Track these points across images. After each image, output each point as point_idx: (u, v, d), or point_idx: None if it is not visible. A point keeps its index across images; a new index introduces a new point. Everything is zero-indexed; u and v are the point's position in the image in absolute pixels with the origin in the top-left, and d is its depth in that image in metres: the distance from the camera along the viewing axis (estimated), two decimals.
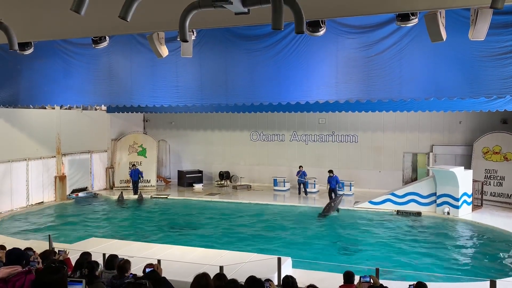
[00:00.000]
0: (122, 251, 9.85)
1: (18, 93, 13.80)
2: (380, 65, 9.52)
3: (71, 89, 12.96)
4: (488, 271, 10.94)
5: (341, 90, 10.23)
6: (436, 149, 20.75)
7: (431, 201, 16.83)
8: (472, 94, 9.48)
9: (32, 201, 18.74)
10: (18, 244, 9.95)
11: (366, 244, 13.32)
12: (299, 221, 16.42)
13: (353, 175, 21.67)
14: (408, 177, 21.44)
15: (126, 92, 12.53)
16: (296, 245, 13.16)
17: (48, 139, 19.60)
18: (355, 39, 9.57)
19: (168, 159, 26.04)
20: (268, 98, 11.34)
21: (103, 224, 16.46)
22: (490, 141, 18.62)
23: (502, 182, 17.99)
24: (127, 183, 22.59)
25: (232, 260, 9.70)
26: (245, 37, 10.51)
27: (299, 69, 10.32)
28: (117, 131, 23.86)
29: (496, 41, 8.32)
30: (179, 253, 10.83)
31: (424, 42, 8.28)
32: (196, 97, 11.94)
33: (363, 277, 6.06)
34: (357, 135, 22.20)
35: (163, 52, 9.38)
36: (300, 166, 21.04)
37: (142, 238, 13.93)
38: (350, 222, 16.07)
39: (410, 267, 10.99)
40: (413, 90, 9.72)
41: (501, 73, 8.57)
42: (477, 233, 14.58)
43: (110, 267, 6.33)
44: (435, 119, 20.47)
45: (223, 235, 14.53)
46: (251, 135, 24.17)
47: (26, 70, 13.19)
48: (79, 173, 21.41)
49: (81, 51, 12.03)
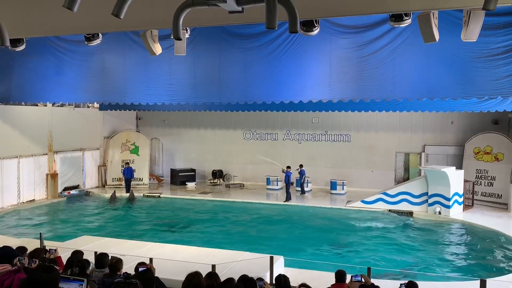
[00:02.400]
0: (114, 249, 9.80)
1: (10, 89, 13.70)
2: (374, 65, 9.58)
3: (63, 86, 12.89)
4: (479, 270, 11.03)
5: (334, 89, 10.28)
6: (428, 149, 20.89)
7: (422, 201, 16.94)
8: (464, 94, 9.57)
9: (23, 198, 18.56)
10: (8, 242, 9.88)
11: (357, 244, 13.37)
12: (291, 220, 16.44)
13: (346, 175, 21.75)
14: (400, 176, 21.56)
15: (119, 90, 12.48)
16: (288, 244, 13.18)
17: (40, 136, 19.45)
18: (348, 39, 9.62)
19: (160, 157, 25.95)
20: (262, 97, 11.35)
21: (95, 222, 16.38)
22: (482, 142, 18.77)
23: (492, 182, 18.14)
24: (119, 181, 22.49)
25: (224, 259, 9.71)
26: (239, 35, 10.51)
27: (292, 68, 10.34)
28: (110, 128, 23.72)
29: (488, 42, 8.40)
30: (171, 251, 10.80)
31: (417, 42, 8.34)
32: (189, 95, 11.92)
33: (354, 276, 6.08)
34: (350, 135, 22.27)
35: (156, 50, 9.35)
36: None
37: (134, 236, 13.89)
38: (342, 221, 16.13)
39: (401, 266, 11.06)
40: (405, 90, 9.79)
41: (492, 74, 8.66)
42: (468, 232, 14.69)
43: (101, 266, 6.29)
44: (427, 119, 20.59)
45: (216, 233, 14.52)
46: (245, 134, 24.16)
47: (18, 67, 13.10)
48: (71, 171, 21.26)
49: (74, 48, 11.97)
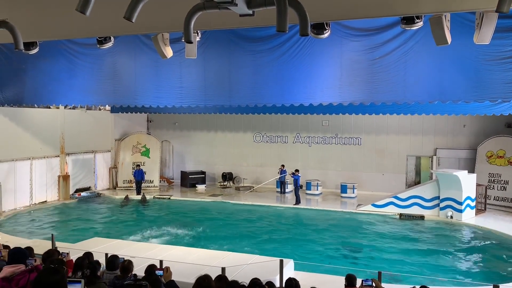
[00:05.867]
0: (125, 251, 9.86)
1: (23, 92, 13.87)
2: (384, 68, 9.51)
3: (75, 89, 13.02)
4: (491, 276, 10.88)
5: (345, 92, 10.22)
6: (439, 153, 20.69)
7: (434, 205, 16.77)
8: (476, 97, 9.45)
9: (36, 200, 18.77)
10: (21, 243, 10.01)
11: (368, 247, 13.27)
12: (301, 223, 16.39)
13: (356, 178, 21.63)
14: (411, 180, 21.38)
15: (130, 93, 12.57)
16: (298, 247, 13.14)
17: (52, 138, 19.66)
18: (359, 41, 9.57)
19: (171, 160, 26.06)
20: (272, 99, 11.34)
21: (106, 224, 16.48)
22: (494, 145, 18.54)
23: (506, 186, 17.91)
24: (130, 183, 22.63)
25: (234, 262, 9.69)
26: (249, 38, 10.53)
27: (303, 71, 10.32)
28: (121, 131, 23.90)
29: (501, 45, 8.30)
30: (181, 253, 10.82)
31: (429, 45, 8.27)
32: (199, 98, 11.96)
33: (365, 281, 6.04)
34: (360, 138, 22.15)
35: (167, 53, 9.40)
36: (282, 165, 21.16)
37: (144, 238, 13.95)
38: (352, 224, 16.03)
39: (412, 271, 10.94)
40: (417, 93, 9.71)
41: (506, 77, 8.55)
42: (480, 237, 14.50)
43: (112, 268, 6.34)
44: (439, 123, 20.41)
45: (226, 236, 14.51)
46: (255, 136, 24.17)
47: (31, 70, 13.26)
48: (82, 173, 21.45)
49: (86, 51, 12.08)
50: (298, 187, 19.31)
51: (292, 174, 19.59)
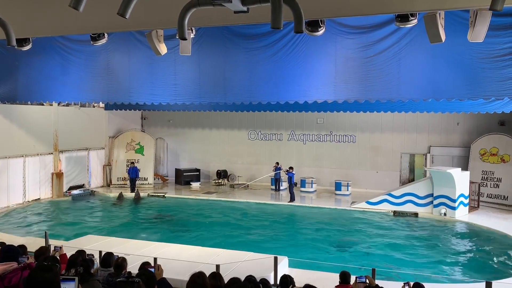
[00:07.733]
0: (119, 248, 9.83)
1: (16, 89, 13.75)
2: (379, 66, 9.52)
3: (69, 86, 12.91)
4: (484, 272, 10.95)
5: (339, 90, 10.23)
6: (433, 150, 20.79)
7: (427, 202, 16.86)
8: (470, 95, 9.49)
9: (29, 197, 18.68)
10: (14, 240, 9.95)
11: (362, 244, 13.33)
12: (296, 221, 16.42)
13: (351, 175, 21.70)
14: (405, 177, 21.47)
15: (124, 90, 12.49)
16: (292, 244, 13.16)
17: (45, 135, 19.55)
18: (354, 39, 9.56)
19: (165, 157, 26.01)
20: (267, 97, 11.32)
21: (99, 221, 16.43)
22: (488, 143, 18.66)
23: (498, 184, 18.03)
24: (124, 180, 22.57)
25: (229, 259, 9.70)
26: (244, 35, 10.49)
27: (297, 68, 10.31)
28: (115, 128, 23.81)
29: (495, 43, 8.33)
30: (176, 251, 10.80)
31: (423, 43, 8.28)
32: (194, 96, 11.91)
33: (359, 278, 6.06)
34: (355, 135, 22.22)
35: (161, 49, 9.36)
36: (277, 163, 21.29)
37: (138, 235, 13.91)
38: (346, 222, 16.08)
39: (406, 267, 11.00)
40: (411, 91, 9.73)
41: (499, 75, 8.58)
42: (473, 234, 14.61)
43: (106, 265, 6.32)
44: (433, 120, 20.51)
45: (220, 233, 14.52)
46: (249, 134, 24.16)
47: (24, 66, 13.14)
48: (76, 170, 21.35)
49: (79, 48, 11.99)
50: (293, 184, 19.34)
51: (286, 172, 19.61)
